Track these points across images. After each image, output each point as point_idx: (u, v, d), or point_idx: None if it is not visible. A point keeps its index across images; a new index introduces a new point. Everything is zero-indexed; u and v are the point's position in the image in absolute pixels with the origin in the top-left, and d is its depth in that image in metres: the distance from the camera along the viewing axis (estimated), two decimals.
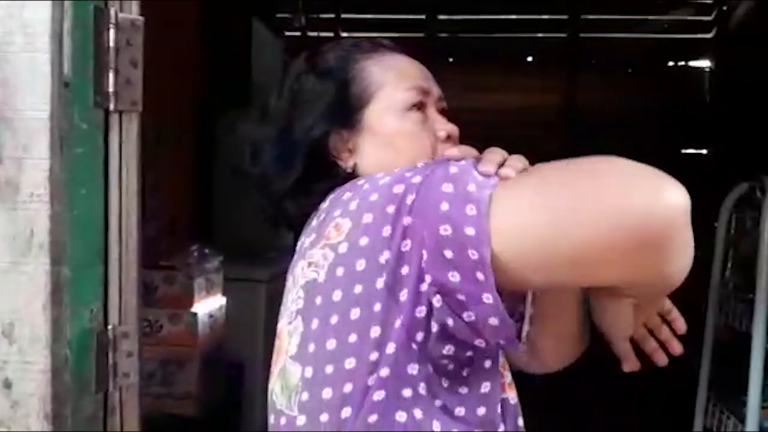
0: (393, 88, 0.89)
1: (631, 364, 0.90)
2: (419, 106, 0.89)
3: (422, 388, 0.74)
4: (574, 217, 0.68)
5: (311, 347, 0.77)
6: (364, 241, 0.74)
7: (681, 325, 0.92)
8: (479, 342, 0.75)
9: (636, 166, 0.71)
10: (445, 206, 0.70)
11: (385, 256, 0.72)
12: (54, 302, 0.93)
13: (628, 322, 0.86)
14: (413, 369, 0.74)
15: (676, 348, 0.92)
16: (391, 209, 0.73)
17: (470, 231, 0.68)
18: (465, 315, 0.72)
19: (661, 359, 0.92)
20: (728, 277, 2.31)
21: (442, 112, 0.93)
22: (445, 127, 0.91)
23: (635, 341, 0.91)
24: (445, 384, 0.76)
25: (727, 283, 2.29)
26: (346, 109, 0.89)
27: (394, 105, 0.88)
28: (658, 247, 0.68)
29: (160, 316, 2.33)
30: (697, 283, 2.40)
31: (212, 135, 3.23)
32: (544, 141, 5.43)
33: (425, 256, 0.71)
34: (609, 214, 0.67)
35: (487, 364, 0.80)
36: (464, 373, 0.78)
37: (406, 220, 0.72)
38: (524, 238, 0.69)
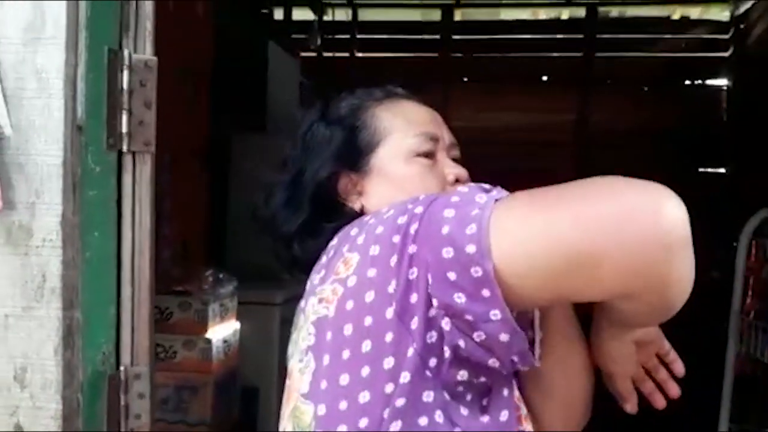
0: (402, 134, 0.91)
1: (632, 405, 0.90)
2: (427, 154, 0.91)
3: (439, 416, 0.74)
4: (572, 222, 0.69)
5: (323, 384, 0.77)
6: (372, 272, 0.74)
7: (679, 367, 0.91)
8: (493, 362, 0.74)
9: (634, 180, 0.72)
10: (446, 229, 0.71)
11: (393, 286, 0.72)
12: (66, 347, 0.92)
13: (631, 358, 0.86)
14: (428, 397, 0.73)
15: (673, 391, 0.91)
16: (396, 239, 0.73)
17: (471, 249, 0.69)
18: (475, 335, 0.71)
19: (659, 401, 0.92)
20: (749, 306, 2.27)
21: (455, 159, 0.94)
22: (453, 171, 0.92)
23: (634, 382, 0.90)
24: (465, 412, 0.75)
25: (749, 311, 2.25)
26: (355, 154, 0.92)
27: (402, 150, 0.90)
28: (656, 252, 0.67)
29: (175, 342, 2.33)
30: (716, 308, 2.38)
31: (227, 158, 3.24)
32: (558, 160, 5.40)
33: (430, 281, 0.71)
34: (605, 217, 0.68)
35: (505, 392, 0.79)
36: (483, 402, 0.78)
37: (411, 249, 0.72)
38: (526, 249, 0.69)
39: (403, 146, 0.90)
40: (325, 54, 4.76)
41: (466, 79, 5.40)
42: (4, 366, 0.92)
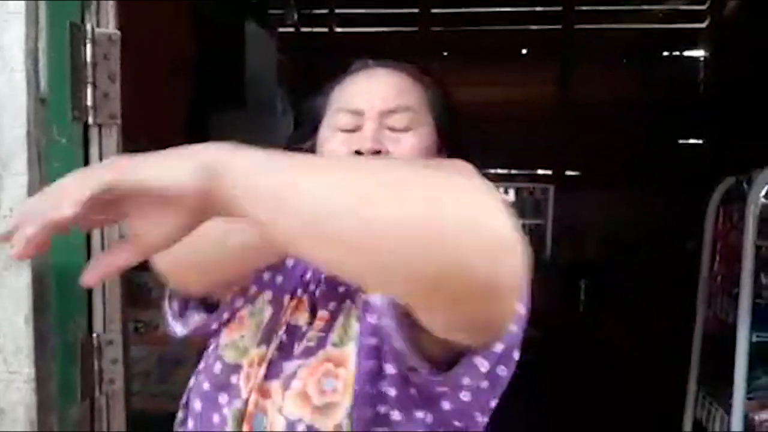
0: (331, 110, 0.93)
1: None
2: (347, 128, 0.89)
3: None
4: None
5: None
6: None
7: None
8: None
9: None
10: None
11: None
12: (37, 314, 0.95)
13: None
14: None
15: None
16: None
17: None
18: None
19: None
20: (716, 271, 2.33)
21: (392, 128, 0.88)
22: (365, 144, 0.85)
23: None
24: None
25: (716, 276, 2.31)
26: (313, 126, 0.95)
27: (329, 125, 0.92)
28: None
29: (155, 316, 2.36)
30: (689, 277, 2.44)
31: (206, 134, 3.24)
32: (539, 133, 5.45)
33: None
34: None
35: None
36: None
37: None
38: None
39: (329, 121, 0.92)
40: (303, 29, 4.75)
41: (446, 53, 5.41)
42: None
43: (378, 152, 0.85)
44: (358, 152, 0.86)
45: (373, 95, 0.90)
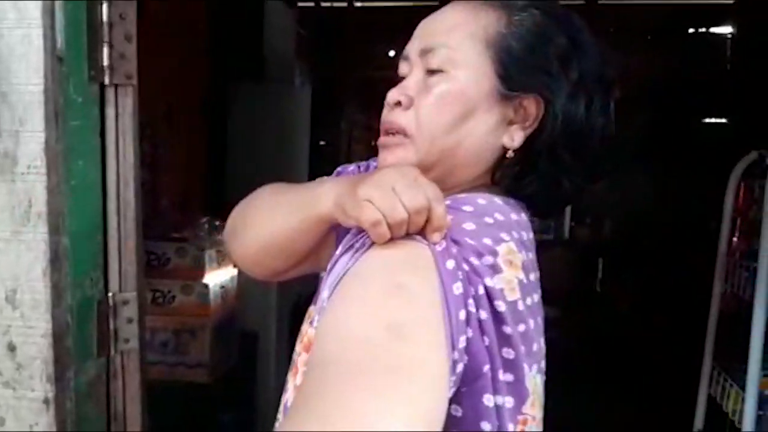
0: None
1: None
2: (406, 75, 0.79)
3: None
4: None
5: None
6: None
7: None
8: None
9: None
10: None
11: None
12: (54, 270, 0.96)
13: None
14: None
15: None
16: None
17: None
18: None
19: None
20: (735, 246, 2.30)
21: (430, 70, 0.76)
22: (389, 95, 0.78)
23: None
24: None
25: (734, 252, 2.29)
26: None
27: None
28: None
29: (173, 287, 2.38)
30: (708, 256, 2.41)
31: (225, 108, 3.25)
32: None
33: None
34: None
35: None
36: None
37: None
38: None
39: None
40: (323, 4, 4.72)
41: None
42: None
43: (399, 103, 0.76)
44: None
45: (418, 35, 0.78)
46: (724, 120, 5.39)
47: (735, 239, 2.29)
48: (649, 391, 3.65)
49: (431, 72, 0.75)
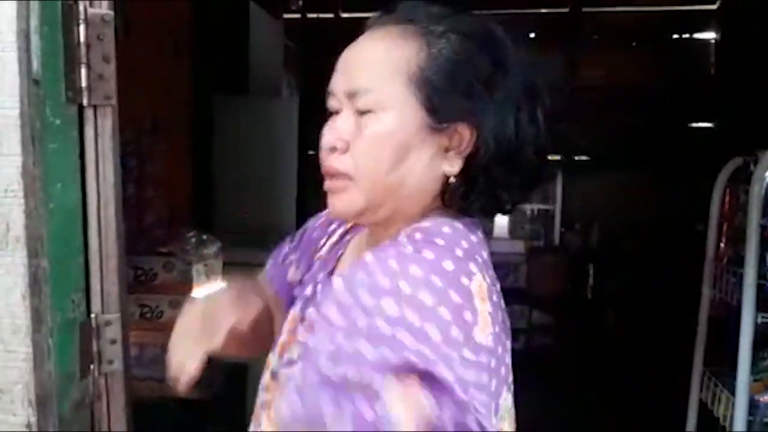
0: None
1: None
2: (336, 111, 0.78)
3: None
4: None
5: None
6: None
7: None
8: None
9: None
10: None
11: None
12: (33, 294, 0.96)
13: None
14: None
15: None
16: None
17: None
18: None
19: None
20: (722, 252, 2.31)
21: (360, 110, 0.75)
22: (323, 140, 0.78)
23: None
24: None
25: (722, 257, 2.29)
26: None
27: None
28: None
29: (161, 302, 2.37)
30: (696, 261, 2.42)
31: (210, 120, 3.24)
32: (546, 117, 5.41)
33: None
34: None
35: None
36: None
37: None
38: None
39: None
40: (309, 15, 4.73)
41: None
42: None
43: (335, 148, 0.75)
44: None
45: (342, 71, 0.77)
46: (709, 125, 5.43)
47: (722, 245, 2.30)
48: (640, 396, 3.65)
49: (361, 112, 0.75)
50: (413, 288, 0.63)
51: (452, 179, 0.76)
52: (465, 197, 0.76)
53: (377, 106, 0.73)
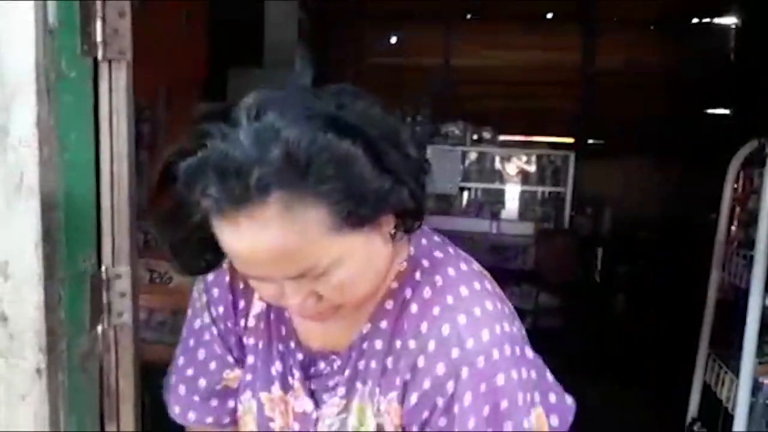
0: (231, 260, 0.85)
1: None
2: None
3: None
4: None
5: None
6: None
7: None
8: None
9: None
10: None
11: None
12: (46, 242, 0.97)
13: None
14: None
15: None
16: None
17: None
18: None
19: None
20: (733, 235, 2.30)
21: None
22: (291, 305, 0.84)
23: None
24: None
25: (732, 241, 2.29)
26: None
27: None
28: None
29: (170, 267, 2.39)
30: (708, 248, 2.42)
31: (224, 91, 3.25)
32: (562, 99, 5.38)
33: None
34: None
35: None
36: None
37: None
38: None
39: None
40: None
41: (468, 17, 5.33)
42: None
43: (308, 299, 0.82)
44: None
45: (269, 264, 0.75)
46: (726, 111, 5.37)
47: (734, 228, 2.29)
48: (646, 378, 3.66)
49: (317, 276, 0.77)
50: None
51: (392, 230, 0.82)
52: (406, 229, 0.84)
53: (332, 265, 0.76)
